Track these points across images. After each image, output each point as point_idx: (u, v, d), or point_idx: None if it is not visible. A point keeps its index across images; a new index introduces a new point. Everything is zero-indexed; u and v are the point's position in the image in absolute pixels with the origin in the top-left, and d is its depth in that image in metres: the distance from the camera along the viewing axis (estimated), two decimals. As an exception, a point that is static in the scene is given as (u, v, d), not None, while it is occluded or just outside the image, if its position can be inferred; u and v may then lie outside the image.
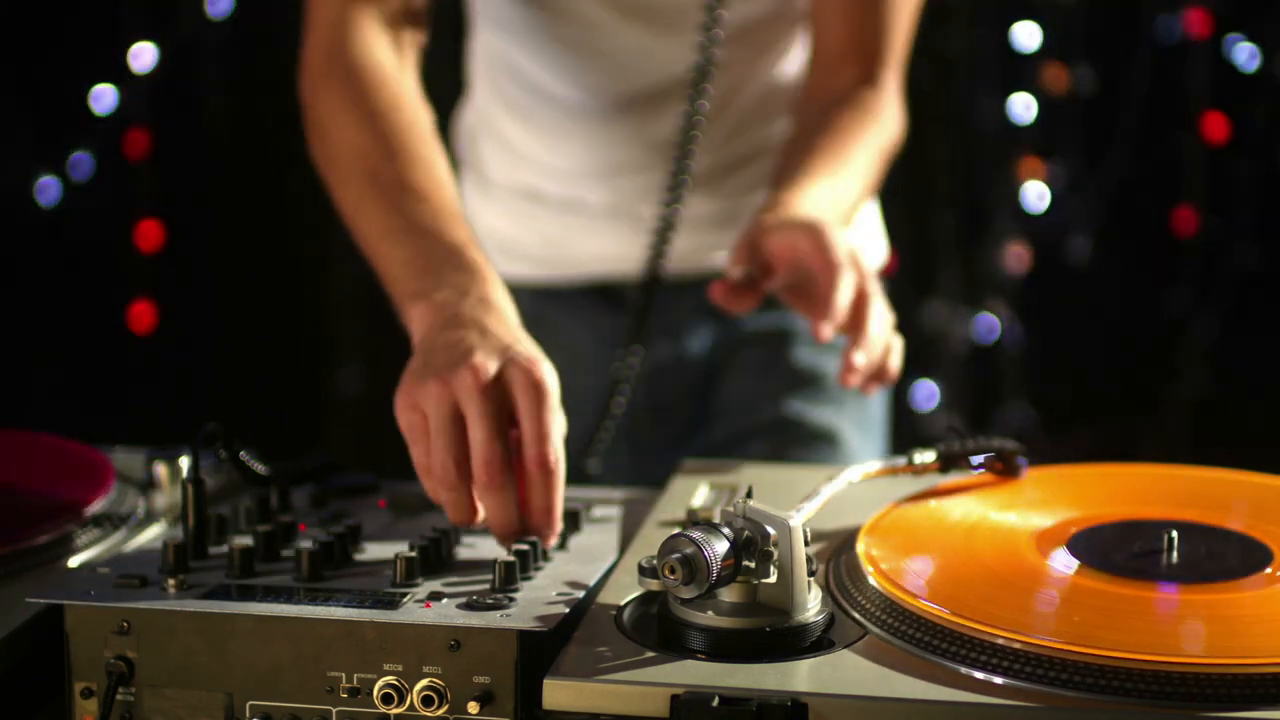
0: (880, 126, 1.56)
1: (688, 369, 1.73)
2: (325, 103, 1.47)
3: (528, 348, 1.18)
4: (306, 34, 1.54)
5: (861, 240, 1.48)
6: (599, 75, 1.65)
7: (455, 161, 1.87)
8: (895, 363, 1.34)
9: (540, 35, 1.64)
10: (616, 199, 1.69)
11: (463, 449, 1.13)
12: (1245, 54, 2.83)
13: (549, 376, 1.15)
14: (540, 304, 1.73)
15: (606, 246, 1.70)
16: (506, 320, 1.23)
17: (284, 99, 2.94)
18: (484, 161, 1.78)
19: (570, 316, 1.73)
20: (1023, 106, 2.90)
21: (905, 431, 2.09)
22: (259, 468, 1.20)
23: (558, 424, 1.14)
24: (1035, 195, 2.92)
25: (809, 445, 1.68)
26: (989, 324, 2.97)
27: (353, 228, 1.41)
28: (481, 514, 1.13)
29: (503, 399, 1.14)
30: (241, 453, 1.20)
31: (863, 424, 1.73)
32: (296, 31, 1.54)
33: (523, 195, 1.74)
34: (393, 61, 1.49)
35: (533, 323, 1.73)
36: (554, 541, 1.14)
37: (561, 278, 1.74)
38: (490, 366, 1.14)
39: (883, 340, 1.31)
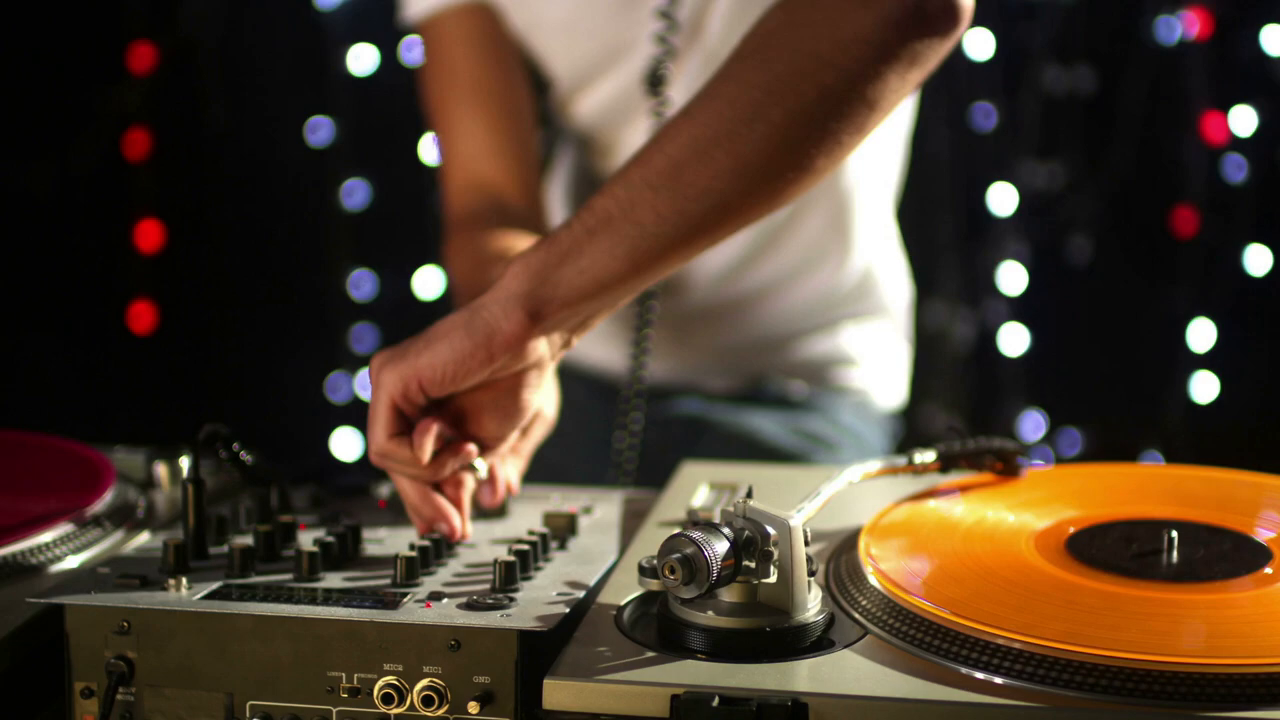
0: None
1: (674, 426, 1.75)
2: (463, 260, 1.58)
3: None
4: (443, 194, 1.68)
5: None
6: None
7: None
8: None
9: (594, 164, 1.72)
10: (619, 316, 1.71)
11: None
12: (1245, 54, 2.82)
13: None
14: None
15: (606, 355, 1.77)
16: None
17: (283, 99, 2.95)
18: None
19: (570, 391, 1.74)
20: (1022, 107, 2.90)
21: (906, 431, 2.09)
22: (260, 465, 1.20)
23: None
24: (1035, 195, 2.92)
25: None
26: (989, 324, 2.96)
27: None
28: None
29: None
30: (242, 452, 1.20)
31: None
32: (296, 32, 1.55)
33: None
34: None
35: None
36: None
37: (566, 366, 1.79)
38: None
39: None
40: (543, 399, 1.35)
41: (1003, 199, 2.92)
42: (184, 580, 1.05)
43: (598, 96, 1.66)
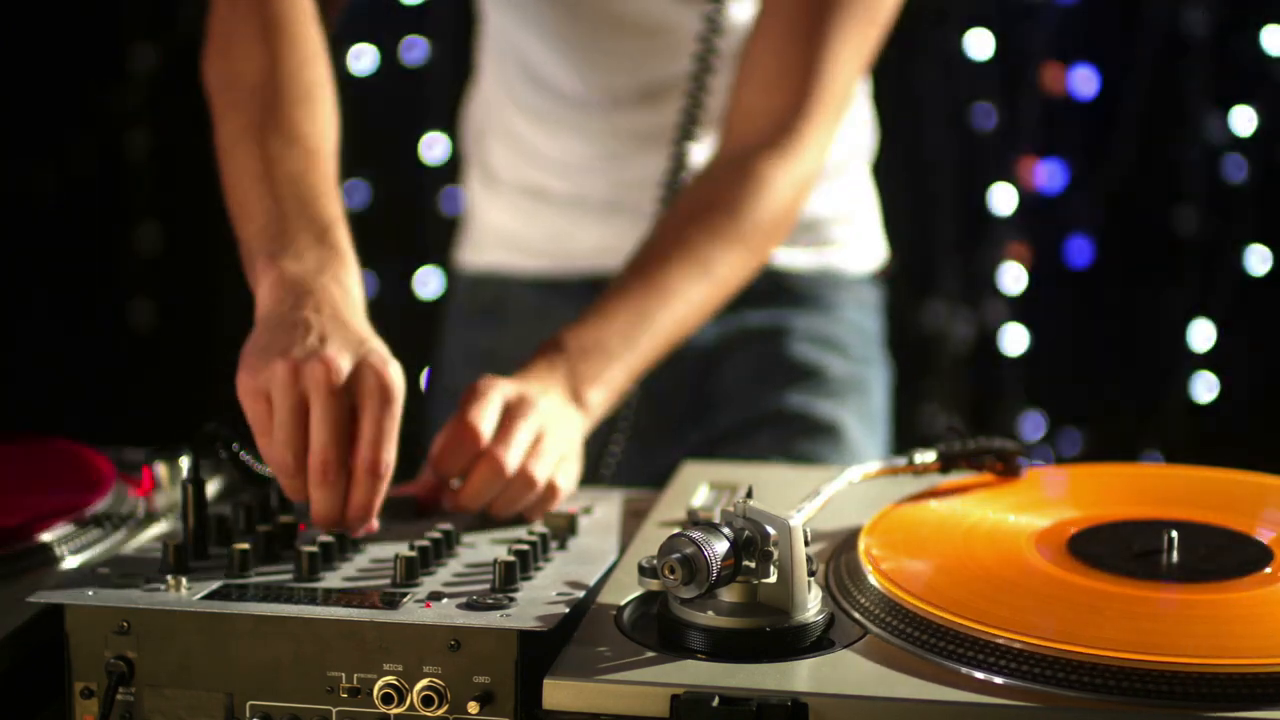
0: (739, 238, 1.43)
1: (686, 357, 1.72)
2: (239, 20, 1.40)
3: (381, 347, 1.17)
4: None
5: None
6: (599, 71, 1.66)
7: (461, 156, 1.87)
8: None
9: (542, 26, 1.65)
10: (618, 193, 1.69)
11: (304, 443, 1.13)
12: (1245, 54, 2.83)
13: (398, 380, 1.15)
14: (542, 296, 1.76)
15: (607, 239, 1.70)
16: (358, 309, 1.21)
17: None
18: (491, 158, 1.79)
19: (572, 308, 1.72)
20: (1023, 106, 2.90)
21: (906, 431, 2.09)
22: (259, 468, 1.20)
23: (396, 429, 1.14)
24: (1035, 195, 2.92)
25: (813, 438, 1.68)
26: (989, 324, 2.96)
27: (226, 161, 1.37)
28: None
29: (350, 399, 1.14)
30: (242, 452, 1.20)
31: (866, 417, 1.73)
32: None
33: (529, 193, 1.75)
34: (311, 7, 1.44)
35: (534, 316, 1.74)
36: (361, 534, 1.15)
37: (563, 270, 1.75)
38: (344, 365, 1.14)
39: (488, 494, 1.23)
40: None
41: (1003, 199, 2.92)
42: (184, 580, 1.05)
43: None
